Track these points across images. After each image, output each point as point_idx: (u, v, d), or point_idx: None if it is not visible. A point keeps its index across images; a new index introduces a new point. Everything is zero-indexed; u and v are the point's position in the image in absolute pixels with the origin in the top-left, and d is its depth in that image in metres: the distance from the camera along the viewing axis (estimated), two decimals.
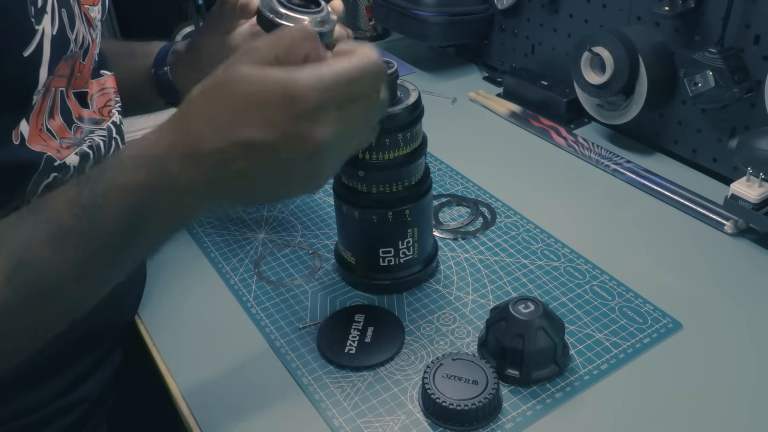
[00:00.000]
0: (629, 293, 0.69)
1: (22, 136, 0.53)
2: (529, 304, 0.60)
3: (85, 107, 0.62)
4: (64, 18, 0.53)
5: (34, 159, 0.54)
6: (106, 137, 0.62)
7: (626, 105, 0.89)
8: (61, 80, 0.56)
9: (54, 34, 0.52)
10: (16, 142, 0.52)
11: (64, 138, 0.57)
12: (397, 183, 0.65)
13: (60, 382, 0.63)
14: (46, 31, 0.51)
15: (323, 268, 0.75)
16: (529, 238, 0.78)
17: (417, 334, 0.66)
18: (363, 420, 0.58)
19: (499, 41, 1.12)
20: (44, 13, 0.51)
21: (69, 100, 0.59)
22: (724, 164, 0.85)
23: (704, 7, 0.81)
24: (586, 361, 0.62)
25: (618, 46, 0.84)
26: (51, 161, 0.55)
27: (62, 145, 0.56)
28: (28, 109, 0.52)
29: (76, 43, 0.56)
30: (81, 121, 0.61)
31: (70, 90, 0.59)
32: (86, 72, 0.61)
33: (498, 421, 0.57)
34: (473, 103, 1.07)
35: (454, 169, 0.90)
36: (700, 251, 0.76)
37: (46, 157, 0.54)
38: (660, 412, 0.58)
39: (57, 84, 0.56)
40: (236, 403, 0.60)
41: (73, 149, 0.57)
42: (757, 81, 0.78)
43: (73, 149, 0.57)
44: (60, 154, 0.56)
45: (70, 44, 0.55)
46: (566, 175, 0.90)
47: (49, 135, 0.56)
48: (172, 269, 0.76)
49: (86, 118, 0.62)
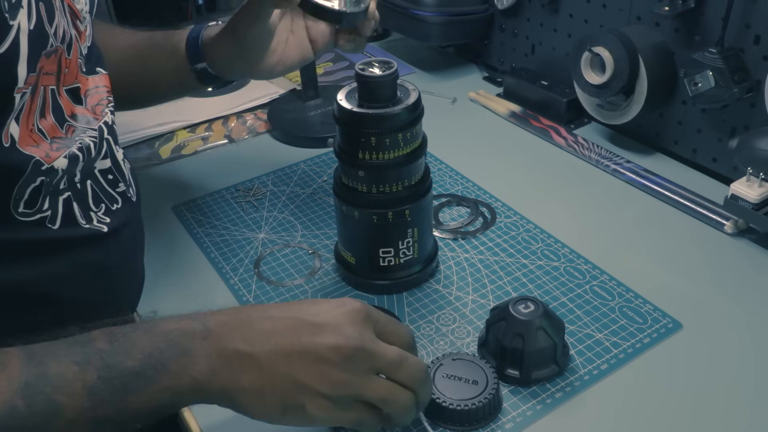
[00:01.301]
0: (629, 293, 0.69)
1: (12, 138, 0.52)
2: (529, 304, 0.60)
3: (78, 103, 0.61)
4: (42, 12, 0.52)
5: (21, 163, 0.53)
6: (96, 138, 0.61)
7: (626, 105, 0.89)
8: (49, 78, 0.55)
9: (31, 29, 0.51)
10: (6, 144, 0.52)
11: (55, 138, 0.56)
12: (397, 183, 0.65)
13: None
14: (22, 26, 0.50)
15: (323, 268, 0.75)
16: (529, 238, 0.78)
17: (417, 334, 0.66)
18: None
19: (499, 41, 1.12)
20: (20, 8, 0.49)
21: (61, 98, 0.58)
22: (724, 164, 0.85)
23: (704, 7, 0.81)
24: (586, 361, 0.62)
25: (618, 46, 0.84)
26: (39, 165, 0.54)
27: (52, 147, 0.56)
28: (10, 108, 0.51)
29: (56, 37, 0.54)
30: (74, 119, 0.60)
31: (62, 87, 0.58)
32: (74, 67, 0.60)
33: (498, 421, 0.57)
34: (473, 103, 1.07)
35: (454, 169, 0.90)
36: (700, 251, 0.76)
37: (34, 161, 0.54)
38: (660, 412, 0.58)
39: (46, 82, 0.55)
40: None
41: (63, 152, 0.56)
42: (757, 81, 0.78)
43: (63, 152, 0.56)
44: (48, 157, 0.55)
45: (49, 39, 0.53)
46: (566, 175, 0.90)
47: (40, 135, 0.55)
48: (172, 269, 0.76)
49: (80, 116, 0.61)
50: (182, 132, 1.02)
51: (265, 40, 0.72)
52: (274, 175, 0.91)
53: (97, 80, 0.65)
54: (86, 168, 0.60)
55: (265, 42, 0.72)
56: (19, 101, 0.52)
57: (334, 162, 0.92)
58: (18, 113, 0.52)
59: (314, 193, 0.87)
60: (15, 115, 0.52)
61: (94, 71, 0.65)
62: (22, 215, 0.55)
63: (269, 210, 0.84)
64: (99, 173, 0.62)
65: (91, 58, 0.65)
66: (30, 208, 0.55)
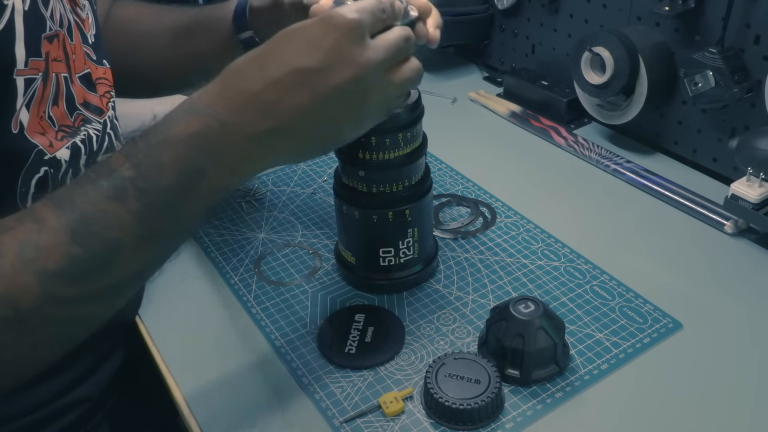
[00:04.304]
0: (629, 293, 0.69)
1: (21, 124, 0.52)
2: (530, 303, 0.60)
3: (92, 90, 0.61)
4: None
5: (25, 151, 0.53)
6: (100, 131, 0.62)
7: (626, 105, 0.89)
8: (59, 65, 0.55)
9: (26, 9, 0.51)
10: (15, 130, 0.52)
11: (62, 127, 0.56)
12: (398, 183, 0.65)
13: (60, 382, 0.63)
14: (16, 6, 0.50)
15: (323, 268, 0.75)
16: (530, 238, 0.78)
17: (417, 334, 0.66)
18: (363, 420, 0.58)
19: (499, 41, 1.12)
20: None
21: (74, 85, 0.58)
22: (724, 164, 0.85)
23: (704, 7, 0.81)
24: (586, 361, 0.62)
25: (618, 46, 0.84)
26: (41, 155, 0.54)
27: (57, 136, 0.56)
28: (13, 92, 0.51)
29: (54, 21, 0.55)
30: (86, 107, 0.60)
31: (74, 74, 0.58)
32: (80, 53, 0.60)
33: (498, 421, 0.57)
34: (473, 103, 1.07)
35: (454, 169, 0.90)
36: (700, 251, 0.76)
37: (37, 150, 0.54)
38: (660, 412, 0.58)
39: (57, 69, 0.55)
40: (236, 402, 0.60)
41: (66, 141, 0.57)
42: (757, 81, 0.78)
43: (66, 141, 0.57)
44: (51, 147, 0.55)
45: (47, 21, 0.54)
46: (566, 175, 0.90)
47: (48, 123, 0.55)
48: (173, 269, 0.76)
49: (91, 105, 0.61)
50: None
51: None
52: (274, 175, 0.91)
53: (102, 72, 0.65)
54: (89, 162, 0.60)
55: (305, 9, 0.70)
56: (29, 88, 0.52)
57: (334, 162, 0.92)
58: (29, 100, 0.52)
59: (314, 193, 0.87)
60: (26, 102, 0.52)
61: (101, 62, 0.65)
62: None
63: (269, 210, 0.84)
64: None
65: (99, 48, 0.65)
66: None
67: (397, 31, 0.52)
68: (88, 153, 0.60)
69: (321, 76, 0.48)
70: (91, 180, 0.45)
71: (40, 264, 0.42)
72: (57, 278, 0.43)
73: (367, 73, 0.49)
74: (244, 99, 0.47)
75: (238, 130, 0.47)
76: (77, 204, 0.44)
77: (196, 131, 0.46)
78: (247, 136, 0.47)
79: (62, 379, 0.63)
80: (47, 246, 0.43)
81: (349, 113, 0.51)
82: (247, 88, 0.47)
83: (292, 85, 0.47)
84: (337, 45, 0.48)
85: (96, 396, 0.66)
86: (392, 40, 0.51)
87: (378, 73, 0.51)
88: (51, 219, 0.44)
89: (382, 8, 0.52)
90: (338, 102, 0.49)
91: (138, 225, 0.45)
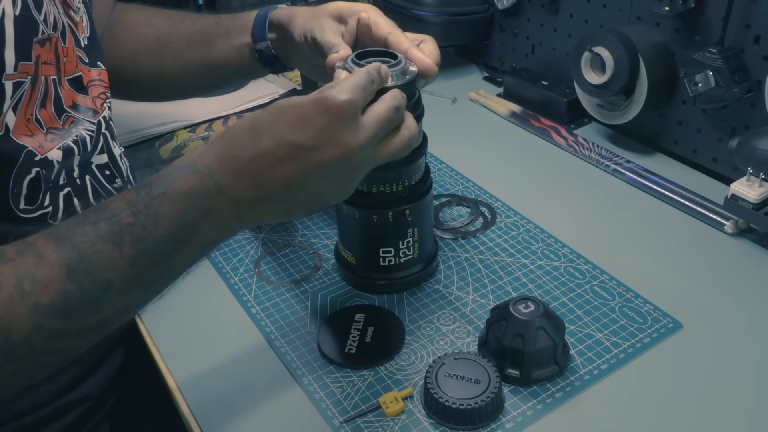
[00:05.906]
0: (629, 293, 0.69)
1: (6, 126, 0.53)
2: (530, 303, 0.60)
3: (82, 92, 0.61)
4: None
5: (13, 152, 0.53)
6: (94, 132, 0.62)
7: (626, 105, 0.89)
8: (48, 67, 0.56)
9: (17, 14, 0.51)
10: (0, 132, 0.52)
11: (51, 129, 0.57)
12: (398, 183, 0.65)
13: (60, 381, 0.63)
14: (6, 11, 0.50)
15: (323, 268, 0.75)
16: (530, 238, 0.78)
17: (417, 334, 0.66)
18: (363, 420, 0.58)
19: (500, 41, 1.12)
20: None
21: (62, 88, 0.58)
22: (724, 164, 0.85)
23: (704, 7, 0.81)
24: (586, 361, 0.62)
25: (618, 46, 0.84)
26: (31, 156, 0.54)
27: (47, 138, 0.56)
28: (2, 96, 0.52)
29: (47, 24, 0.55)
30: (75, 109, 0.60)
31: (63, 77, 0.58)
32: (72, 56, 0.60)
33: (498, 421, 0.57)
34: (473, 103, 1.07)
35: (454, 169, 0.90)
36: (700, 251, 0.76)
37: (26, 151, 0.54)
38: (660, 412, 0.58)
39: (46, 72, 0.55)
40: (236, 402, 0.60)
41: (57, 143, 0.57)
42: (757, 81, 0.78)
43: (57, 143, 0.57)
44: (41, 148, 0.55)
45: (39, 26, 0.54)
46: (566, 175, 0.90)
47: (36, 125, 0.55)
48: None
49: (81, 106, 0.61)
50: (182, 132, 1.02)
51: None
52: None
53: (96, 74, 0.65)
54: (83, 162, 0.60)
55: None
56: (16, 91, 0.52)
57: None
58: (17, 103, 0.52)
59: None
60: (12, 105, 0.52)
61: (95, 65, 0.65)
62: (24, 212, 0.55)
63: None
64: (96, 168, 0.62)
65: (93, 50, 0.65)
66: (31, 204, 0.55)
67: (387, 101, 0.53)
68: (82, 153, 0.60)
69: (310, 153, 0.50)
70: (92, 221, 0.47)
71: (35, 297, 0.44)
72: (48, 312, 0.44)
73: (356, 153, 0.51)
74: (239, 165, 0.49)
75: (230, 192, 0.49)
76: (77, 243, 0.46)
77: (194, 188, 0.48)
78: (238, 199, 0.49)
79: (62, 379, 0.63)
80: (44, 280, 0.44)
81: (336, 185, 0.53)
82: (241, 155, 0.49)
83: (282, 157, 0.49)
84: (329, 126, 0.50)
85: (96, 396, 0.66)
86: (383, 114, 0.53)
87: (367, 151, 0.52)
88: (50, 255, 0.45)
89: (372, 79, 0.53)
90: (325, 175, 0.51)
91: (130, 268, 0.47)
